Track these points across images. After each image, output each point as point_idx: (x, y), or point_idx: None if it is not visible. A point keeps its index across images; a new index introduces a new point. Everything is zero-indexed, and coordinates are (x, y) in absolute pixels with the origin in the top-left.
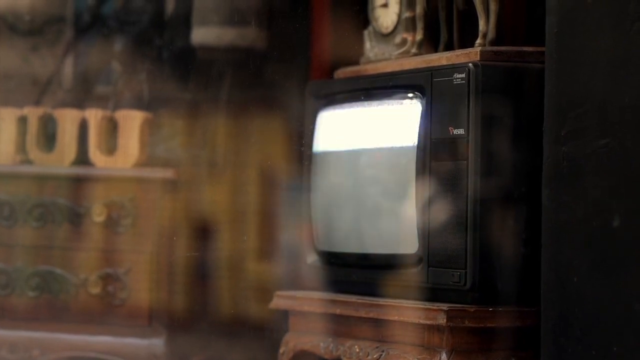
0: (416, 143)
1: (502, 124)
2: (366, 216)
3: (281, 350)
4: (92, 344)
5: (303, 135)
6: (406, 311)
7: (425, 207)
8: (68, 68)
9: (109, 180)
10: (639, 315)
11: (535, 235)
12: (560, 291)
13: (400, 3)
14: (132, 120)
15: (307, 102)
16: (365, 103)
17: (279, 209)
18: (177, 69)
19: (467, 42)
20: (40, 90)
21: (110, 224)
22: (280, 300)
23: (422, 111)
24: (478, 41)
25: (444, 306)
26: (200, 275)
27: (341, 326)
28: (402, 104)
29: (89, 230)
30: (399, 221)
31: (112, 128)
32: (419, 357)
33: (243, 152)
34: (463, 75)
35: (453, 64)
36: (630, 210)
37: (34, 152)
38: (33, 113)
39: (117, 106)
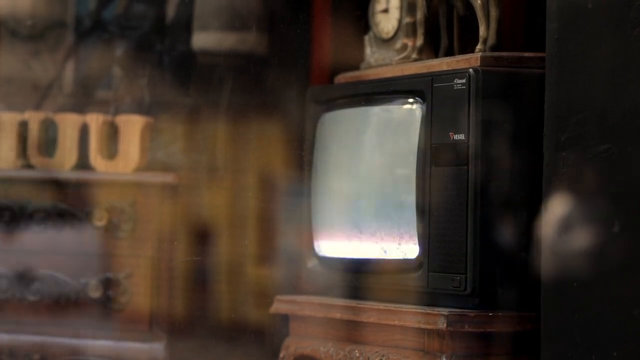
0: (417, 148)
1: (503, 129)
2: (367, 221)
3: (281, 355)
4: (93, 349)
5: (303, 140)
6: (406, 316)
7: (426, 212)
8: (69, 73)
9: (109, 185)
10: (638, 321)
11: (535, 240)
12: (560, 296)
13: (401, 8)
14: (132, 125)
15: (307, 108)
16: (366, 108)
17: (279, 214)
18: (178, 74)
19: (467, 47)
20: (41, 94)
21: (111, 228)
22: (280, 305)
23: (422, 116)
24: (478, 47)
25: (444, 311)
26: (201, 280)
27: (341, 331)
28: (402, 109)
29: (90, 235)
30: (399, 226)
31: (112, 133)
32: None
33: (243, 157)
34: (463, 81)
35: (453, 70)
36: (630, 216)
37: (35, 157)
38: (34, 118)
39: (118, 111)
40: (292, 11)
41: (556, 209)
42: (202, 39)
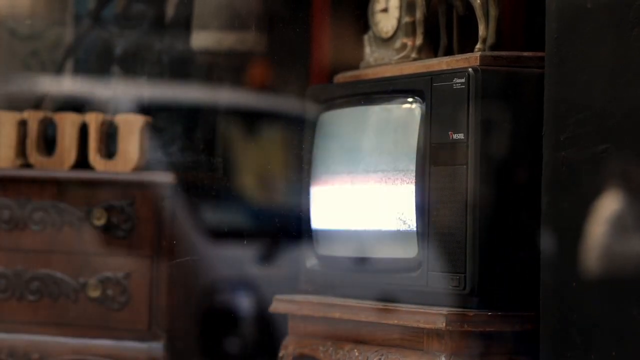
0: (416, 147)
1: (502, 129)
2: (366, 220)
3: (280, 354)
4: (92, 348)
5: (303, 139)
6: (405, 315)
7: (425, 211)
8: (68, 72)
9: (108, 184)
10: (637, 321)
11: (535, 240)
12: (559, 296)
13: (400, 8)
14: (132, 124)
15: (307, 107)
16: (365, 108)
17: (278, 213)
18: (177, 73)
19: (466, 47)
20: (40, 94)
21: (110, 227)
22: (279, 304)
23: (421, 116)
24: (478, 46)
25: (444, 310)
26: (200, 280)
27: (340, 330)
28: (401, 108)
29: (89, 234)
30: (398, 225)
31: (112, 132)
32: None
33: (243, 157)
34: (463, 80)
35: (453, 69)
36: (630, 216)
37: (34, 156)
38: (33, 117)
39: (117, 110)
40: (292, 11)
41: (556, 208)
42: (202, 38)
